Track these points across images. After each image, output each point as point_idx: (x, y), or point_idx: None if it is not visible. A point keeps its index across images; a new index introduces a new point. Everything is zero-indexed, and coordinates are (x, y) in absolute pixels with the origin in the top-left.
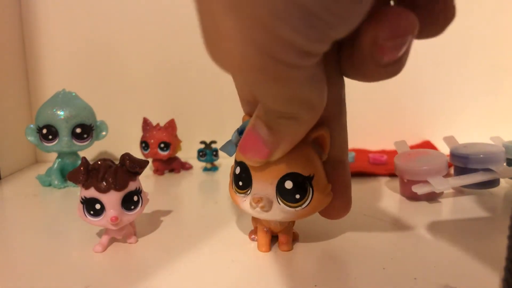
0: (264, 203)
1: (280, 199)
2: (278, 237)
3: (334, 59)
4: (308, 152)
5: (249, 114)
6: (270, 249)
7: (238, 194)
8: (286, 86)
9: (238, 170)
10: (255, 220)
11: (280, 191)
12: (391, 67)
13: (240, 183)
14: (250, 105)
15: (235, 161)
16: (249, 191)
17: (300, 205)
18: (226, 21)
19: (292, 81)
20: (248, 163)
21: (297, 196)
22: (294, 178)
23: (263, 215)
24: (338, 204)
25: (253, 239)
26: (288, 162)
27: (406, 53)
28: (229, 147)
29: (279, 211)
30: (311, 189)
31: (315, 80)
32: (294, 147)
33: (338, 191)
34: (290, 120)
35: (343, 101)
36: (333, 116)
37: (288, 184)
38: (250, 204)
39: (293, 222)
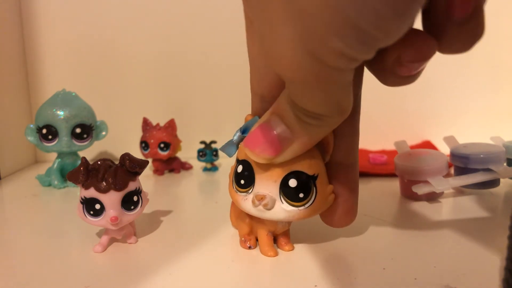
0: (268, 200)
1: (283, 198)
2: (278, 238)
3: None
4: (313, 152)
5: (256, 112)
6: (277, 253)
7: (239, 193)
8: (327, 88)
9: (240, 169)
10: (254, 223)
11: (284, 189)
12: (407, 79)
13: (242, 182)
14: (263, 101)
15: (237, 160)
16: (251, 190)
17: (303, 205)
18: (284, 30)
19: (334, 84)
20: (254, 159)
21: (301, 195)
22: (299, 176)
23: (265, 214)
24: (340, 211)
25: (250, 248)
26: (293, 160)
27: (423, 68)
28: (229, 148)
29: (282, 210)
30: (314, 189)
31: (350, 86)
32: None
33: (341, 197)
34: (315, 120)
35: (359, 102)
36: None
37: (292, 183)
38: (253, 202)
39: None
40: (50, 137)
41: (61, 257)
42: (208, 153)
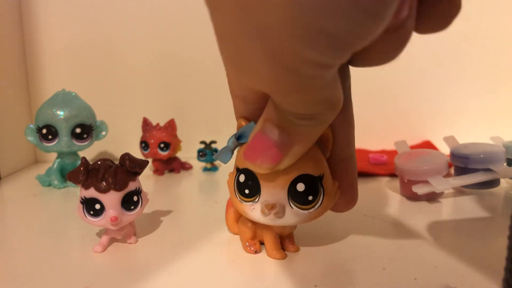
0: (278, 209)
1: (292, 203)
2: (283, 240)
3: None
4: (315, 151)
5: (243, 116)
6: (286, 255)
7: (244, 203)
8: (307, 92)
9: (242, 178)
10: (258, 227)
11: (292, 194)
12: (396, 33)
13: (247, 191)
14: (246, 103)
15: (237, 168)
16: (257, 199)
17: (313, 207)
18: (251, 47)
19: (314, 87)
20: (257, 170)
21: (310, 198)
22: (306, 179)
23: (276, 222)
24: (343, 200)
25: (256, 253)
26: (298, 164)
27: (410, 18)
28: (224, 154)
29: (292, 215)
30: (322, 189)
31: (334, 81)
32: None
33: (343, 188)
34: (308, 120)
35: (348, 94)
36: None
37: (300, 187)
38: (262, 212)
39: None
40: (50, 137)
41: (61, 257)
42: (208, 153)
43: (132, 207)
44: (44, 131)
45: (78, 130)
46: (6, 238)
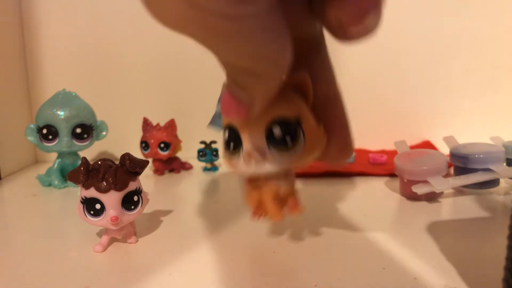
0: (255, 155)
1: (272, 147)
2: (287, 201)
3: None
4: (289, 94)
5: None
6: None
7: (232, 158)
8: (232, 41)
9: (226, 134)
10: (257, 190)
11: (270, 139)
12: (365, 32)
13: (231, 145)
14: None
15: (223, 128)
16: (241, 150)
17: (294, 149)
18: None
19: (237, 35)
20: (234, 123)
21: (288, 140)
22: (281, 122)
23: (260, 169)
24: (335, 146)
25: (260, 219)
26: (271, 108)
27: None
28: (216, 120)
29: (275, 161)
30: (301, 131)
31: (269, 33)
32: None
33: (333, 132)
34: (253, 77)
35: (321, 35)
36: (310, 53)
37: (277, 130)
38: (244, 160)
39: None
40: (50, 137)
41: (61, 257)
42: (208, 153)
43: (132, 207)
44: (44, 131)
45: (78, 130)
46: (6, 238)
